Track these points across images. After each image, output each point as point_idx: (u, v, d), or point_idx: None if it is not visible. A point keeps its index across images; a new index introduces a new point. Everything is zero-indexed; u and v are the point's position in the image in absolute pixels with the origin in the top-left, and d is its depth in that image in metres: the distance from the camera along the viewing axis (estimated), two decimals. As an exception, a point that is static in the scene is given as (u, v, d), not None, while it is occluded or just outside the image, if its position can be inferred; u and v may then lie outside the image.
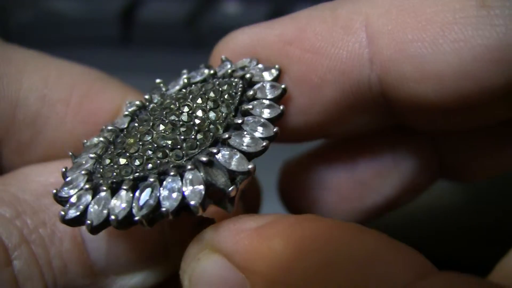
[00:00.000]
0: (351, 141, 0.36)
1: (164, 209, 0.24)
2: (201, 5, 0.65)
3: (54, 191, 0.26)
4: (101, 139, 0.28)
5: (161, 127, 0.27)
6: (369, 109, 0.30)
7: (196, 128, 0.26)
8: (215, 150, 0.25)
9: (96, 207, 0.25)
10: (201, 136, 0.26)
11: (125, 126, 0.29)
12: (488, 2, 0.25)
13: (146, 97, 0.30)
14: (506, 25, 0.25)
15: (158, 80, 0.31)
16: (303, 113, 0.30)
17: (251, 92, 0.28)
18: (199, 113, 0.27)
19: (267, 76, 0.29)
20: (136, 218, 0.24)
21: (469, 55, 0.25)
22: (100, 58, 0.64)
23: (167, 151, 0.26)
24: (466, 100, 0.26)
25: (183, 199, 0.24)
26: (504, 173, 0.36)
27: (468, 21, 0.25)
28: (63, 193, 0.26)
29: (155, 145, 0.26)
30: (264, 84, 0.28)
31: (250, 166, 0.25)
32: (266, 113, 0.27)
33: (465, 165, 0.36)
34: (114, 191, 0.25)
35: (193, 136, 0.26)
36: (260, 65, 0.30)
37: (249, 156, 0.26)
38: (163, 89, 0.30)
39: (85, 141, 0.28)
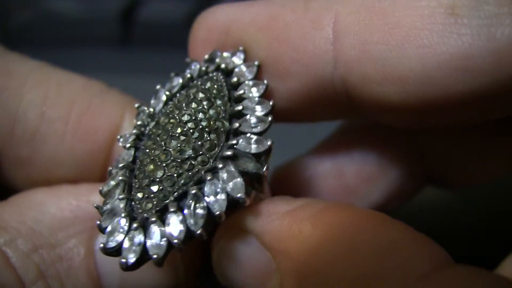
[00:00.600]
0: (338, 148, 0.36)
1: (217, 212, 0.24)
2: (201, 5, 0.65)
3: (101, 245, 0.25)
4: (120, 178, 0.27)
5: (174, 142, 0.27)
6: (333, 104, 0.30)
7: (206, 129, 0.27)
8: (234, 141, 0.26)
9: (153, 241, 0.25)
10: (214, 135, 0.27)
11: (132, 158, 0.28)
12: (457, 11, 0.25)
13: (139, 123, 0.29)
14: (473, 35, 0.24)
15: (137, 105, 0.30)
16: (270, 96, 0.30)
17: (234, 79, 0.28)
18: (200, 115, 0.27)
19: (237, 60, 0.30)
20: (198, 232, 0.24)
21: (433, 62, 0.25)
22: (100, 58, 0.64)
23: (192, 161, 0.26)
24: (430, 104, 0.27)
25: (229, 196, 0.25)
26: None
27: (435, 28, 0.25)
28: (111, 243, 0.25)
29: (178, 160, 0.26)
30: (239, 68, 0.29)
31: (269, 143, 0.26)
32: (255, 92, 0.28)
33: (452, 172, 0.36)
34: (162, 219, 0.25)
35: (208, 138, 0.27)
36: (225, 53, 0.30)
37: (260, 134, 0.27)
38: (150, 109, 0.30)
39: (101, 188, 0.28)
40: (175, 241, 0.24)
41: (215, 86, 0.29)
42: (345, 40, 0.27)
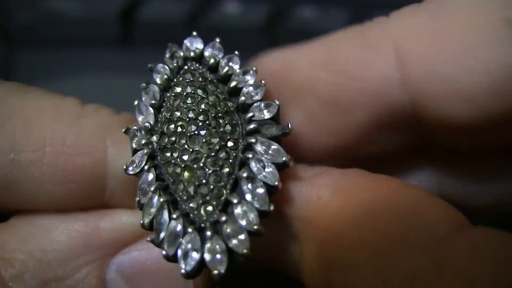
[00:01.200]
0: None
1: (275, 183, 0.25)
2: (201, 5, 0.65)
3: (182, 272, 0.25)
4: (161, 200, 0.26)
5: (197, 140, 0.26)
6: (399, 129, 0.30)
7: (219, 115, 0.27)
8: (250, 114, 0.27)
9: (234, 240, 0.24)
10: (228, 117, 0.27)
11: (156, 177, 0.27)
12: None
13: (143, 142, 0.28)
14: None
15: (124, 129, 0.29)
16: (331, 135, 0.30)
17: (212, 61, 0.29)
18: (203, 106, 0.27)
19: (199, 45, 0.30)
20: (271, 208, 0.25)
21: (500, 75, 0.26)
22: (100, 58, 0.64)
23: (225, 149, 0.26)
24: (499, 119, 0.27)
25: (276, 165, 0.25)
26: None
27: (498, 41, 0.26)
28: (192, 263, 0.25)
29: (212, 154, 0.26)
30: (207, 50, 0.30)
31: (277, 102, 0.27)
32: (235, 65, 0.29)
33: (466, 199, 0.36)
34: (229, 214, 0.25)
35: (226, 122, 0.27)
36: (186, 43, 0.30)
37: (262, 100, 0.28)
38: (146, 124, 0.28)
39: (141, 221, 0.26)
40: (255, 227, 0.24)
41: (197, 74, 0.29)
42: (409, 62, 0.28)
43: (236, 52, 0.29)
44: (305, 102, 0.30)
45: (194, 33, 0.30)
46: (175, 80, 0.29)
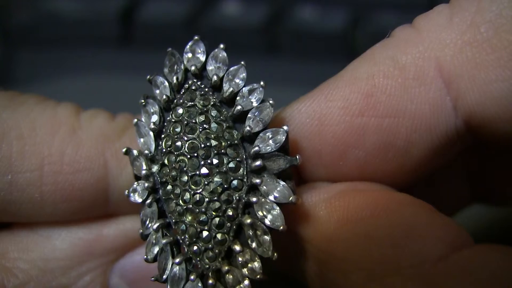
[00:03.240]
0: None
1: (281, 228, 0.24)
2: (201, 5, 0.65)
3: None
4: (164, 241, 0.26)
5: (198, 181, 0.25)
6: (456, 150, 0.28)
7: (222, 151, 0.25)
8: (256, 148, 0.25)
9: (238, 287, 0.25)
10: (232, 150, 0.26)
11: (158, 211, 0.26)
12: None
13: (144, 172, 0.27)
14: None
15: (124, 150, 0.28)
16: (384, 179, 0.28)
17: (214, 78, 0.26)
18: (205, 138, 0.26)
19: (201, 56, 0.27)
20: (275, 257, 0.24)
21: None
22: (100, 58, 0.64)
23: (227, 191, 0.25)
24: None
25: (281, 206, 0.25)
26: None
27: None
28: None
29: (215, 198, 0.25)
30: (210, 64, 0.27)
31: (285, 127, 0.25)
32: (240, 81, 0.26)
33: (499, 189, 0.35)
34: (232, 262, 0.25)
35: (229, 159, 0.25)
36: (188, 52, 0.28)
37: (268, 125, 0.26)
38: (146, 152, 0.27)
39: (145, 257, 0.26)
40: (258, 276, 0.24)
41: (198, 96, 0.26)
42: (460, 85, 0.25)
43: (242, 62, 0.26)
44: (350, 155, 0.27)
45: (196, 37, 0.27)
46: (175, 101, 0.27)
